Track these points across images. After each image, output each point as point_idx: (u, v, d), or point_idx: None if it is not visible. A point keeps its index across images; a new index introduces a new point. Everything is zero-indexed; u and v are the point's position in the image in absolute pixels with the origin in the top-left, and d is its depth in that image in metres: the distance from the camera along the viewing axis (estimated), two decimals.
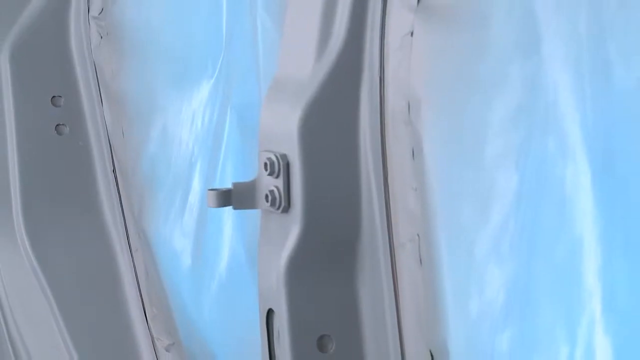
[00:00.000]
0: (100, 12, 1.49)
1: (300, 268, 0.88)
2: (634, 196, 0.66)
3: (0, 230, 1.47)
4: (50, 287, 1.43)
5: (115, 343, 1.41)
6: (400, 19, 0.87)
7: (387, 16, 0.90)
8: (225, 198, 0.93)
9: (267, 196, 0.89)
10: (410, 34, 0.84)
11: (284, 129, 0.90)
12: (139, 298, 1.46)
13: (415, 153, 0.84)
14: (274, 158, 0.88)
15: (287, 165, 0.88)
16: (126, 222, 1.48)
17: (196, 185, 1.28)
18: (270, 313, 0.91)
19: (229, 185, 0.94)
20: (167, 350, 1.37)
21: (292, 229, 0.87)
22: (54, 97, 1.44)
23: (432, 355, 0.85)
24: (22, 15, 1.48)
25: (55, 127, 1.43)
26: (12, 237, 1.46)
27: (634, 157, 0.66)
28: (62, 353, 1.44)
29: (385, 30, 0.90)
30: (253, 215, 1.01)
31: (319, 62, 0.90)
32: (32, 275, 1.45)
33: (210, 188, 0.99)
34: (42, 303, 1.44)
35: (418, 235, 0.86)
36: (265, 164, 0.89)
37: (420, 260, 0.85)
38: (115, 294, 1.45)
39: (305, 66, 0.92)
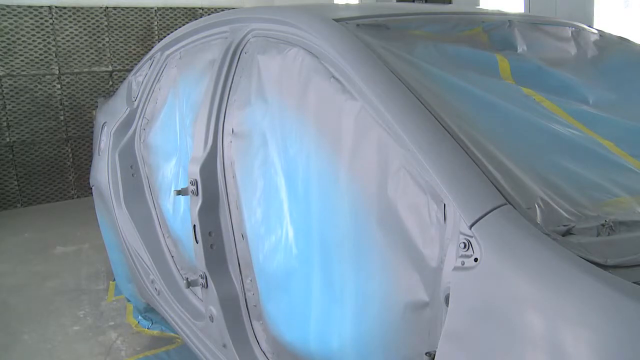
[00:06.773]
0: (143, 140, 2.34)
1: (201, 212, 1.68)
2: (292, 182, 1.32)
3: (117, 203, 2.36)
4: (135, 223, 2.37)
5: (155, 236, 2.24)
6: (228, 138, 1.66)
7: (224, 138, 1.68)
8: (179, 192, 1.80)
9: (191, 191, 1.73)
10: (230, 142, 1.63)
11: (194, 171, 1.70)
12: (159, 223, 2.22)
13: (234, 177, 1.59)
14: (192, 179, 1.70)
15: (197, 182, 1.69)
16: (153, 200, 2.34)
17: (172, 187, 2.11)
18: (195, 226, 1.72)
19: (179, 189, 1.80)
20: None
21: (199, 200, 1.69)
22: (130, 166, 2.45)
23: (242, 236, 1.56)
24: (124, 138, 2.35)
25: (132, 174, 2.37)
26: (121, 206, 2.44)
27: (300, 180, 1.28)
28: (141, 247, 2.21)
29: (224, 144, 1.65)
30: (187, 197, 1.80)
31: (203, 153, 1.69)
32: (129, 220, 2.39)
33: (175, 189, 1.87)
34: (132, 229, 2.35)
35: (235, 201, 1.59)
36: (190, 182, 1.73)
37: (237, 206, 1.58)
38: (155, 225, 2.27)
39: (200, 153, 1.71)
